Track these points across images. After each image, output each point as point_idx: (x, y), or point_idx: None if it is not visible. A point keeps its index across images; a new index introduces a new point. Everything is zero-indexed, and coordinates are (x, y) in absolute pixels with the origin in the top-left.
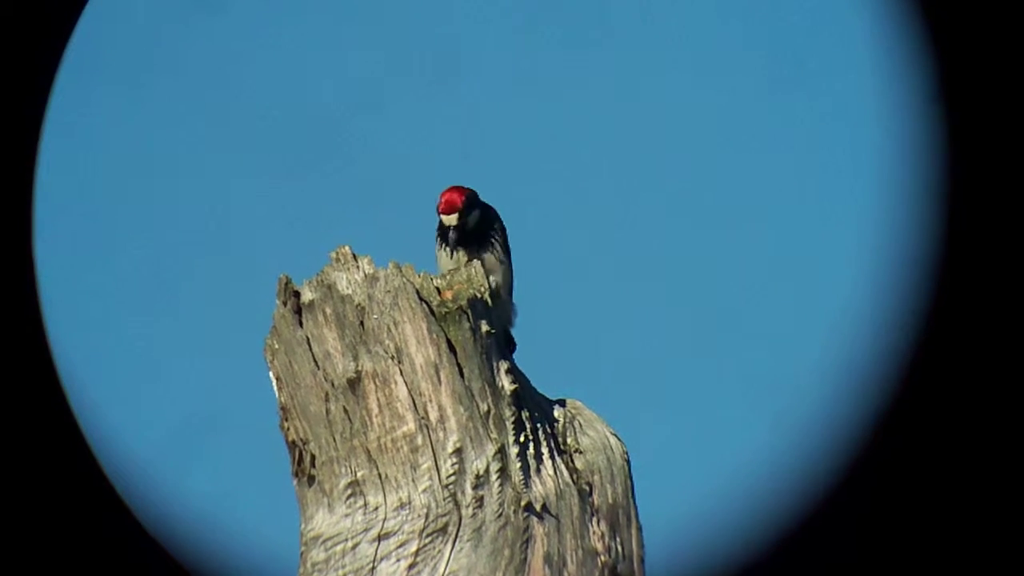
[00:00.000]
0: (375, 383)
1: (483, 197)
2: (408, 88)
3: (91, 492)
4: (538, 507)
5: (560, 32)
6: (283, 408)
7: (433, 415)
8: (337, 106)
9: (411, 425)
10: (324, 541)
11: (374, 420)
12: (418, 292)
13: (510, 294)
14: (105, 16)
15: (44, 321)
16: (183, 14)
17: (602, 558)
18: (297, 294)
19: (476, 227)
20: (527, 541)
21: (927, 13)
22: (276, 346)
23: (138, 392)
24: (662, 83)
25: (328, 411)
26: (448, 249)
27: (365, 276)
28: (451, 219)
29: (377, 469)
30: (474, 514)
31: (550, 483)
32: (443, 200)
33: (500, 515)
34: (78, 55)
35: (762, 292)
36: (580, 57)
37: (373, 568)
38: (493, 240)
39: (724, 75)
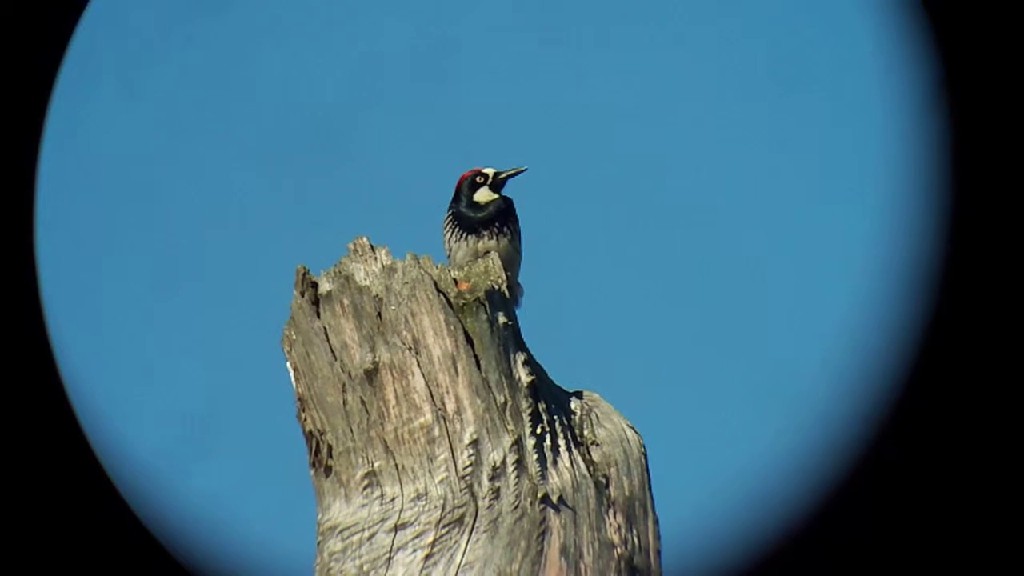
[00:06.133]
0: (392, 374)
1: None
2: (418, 84)
3: (94, 492)
4: (555, 499)
5: (568, 30)
6: (300, 399)
7: (450, 406)
8: (349, 100)
9: (428, 416)
10: (341, 531)
11: (391, 411)
12: (436, 283)
13: (516, 275)
14: (107, 15)
15: (46, 320)
16: (186, 13)
17: (618, 550)
18: (315, 285)
19: (498, 213)
20: (543, 533)
21: (930, 10)
22: (294, 337)
23: (147, 388)
24: (671, 81)
25: (345, 402)
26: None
27: (383, 267)
28: (488, 170)
29: (394, 460)
30: (491, 505)
31: (567, 475)
32: (470, 171)
33: (517, 507)
34: (81, 53)
35: (774, 287)
36: (588, 55)
37: (390, 558)
38: (512, 230)
39: (731, 73)
